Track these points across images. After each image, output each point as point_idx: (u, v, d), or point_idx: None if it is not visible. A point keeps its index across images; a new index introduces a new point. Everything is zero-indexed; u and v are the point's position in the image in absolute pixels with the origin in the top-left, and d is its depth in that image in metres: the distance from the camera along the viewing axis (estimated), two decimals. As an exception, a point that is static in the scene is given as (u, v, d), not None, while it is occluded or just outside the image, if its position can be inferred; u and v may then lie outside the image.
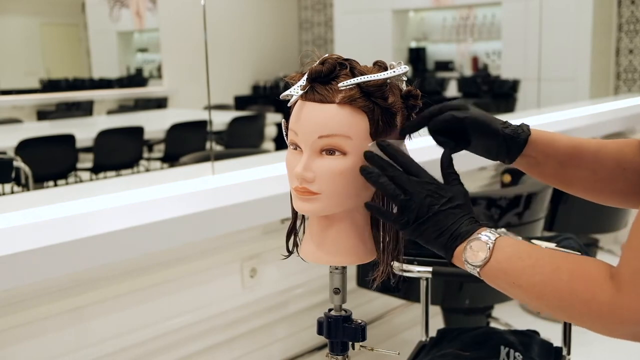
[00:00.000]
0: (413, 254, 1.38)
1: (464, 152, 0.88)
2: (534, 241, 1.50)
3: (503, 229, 0.77)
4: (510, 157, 0.88)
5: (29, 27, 9.11)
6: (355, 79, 0.79)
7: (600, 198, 0.91)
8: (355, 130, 0.79)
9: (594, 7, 6.80)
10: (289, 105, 0.84)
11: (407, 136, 0.84)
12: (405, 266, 0.85)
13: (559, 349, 1.48)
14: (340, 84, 0.79)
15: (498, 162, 0.89)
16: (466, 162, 2.37)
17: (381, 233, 0.83)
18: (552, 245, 1.48)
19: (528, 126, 0.88)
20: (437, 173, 0.79)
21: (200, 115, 5.88)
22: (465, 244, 0.74)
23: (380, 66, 0.83)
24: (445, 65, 8.77)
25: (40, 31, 9.35)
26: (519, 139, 0.86)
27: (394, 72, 0.81)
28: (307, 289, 2.18)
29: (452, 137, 0.86)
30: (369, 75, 0.79)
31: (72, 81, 8.96)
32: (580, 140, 0.90)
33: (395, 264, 0.86)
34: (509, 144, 0.86)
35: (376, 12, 8.45)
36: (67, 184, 4.70)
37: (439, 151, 0.84)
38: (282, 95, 0.84)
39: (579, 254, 0.86)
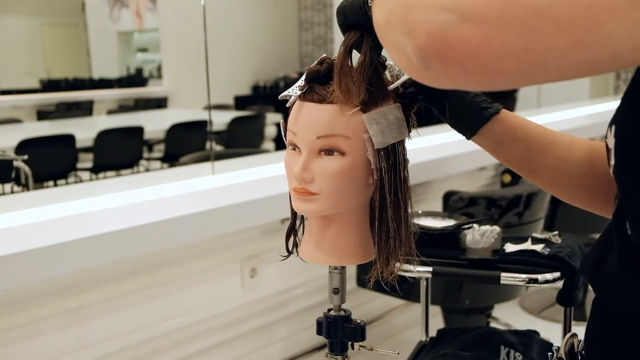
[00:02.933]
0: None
1: (464, 152, 0.88)
2: (534, 246, 1.50)
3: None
4: (472, 129, 0.84)
5: (29, 27, 9.12)
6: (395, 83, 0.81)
7: (565, 192, 0.87)
8: (354, 130, 0.79)
9: (594, 7, 6.80)
10: (287, 105, 0.84)
11: (407, 136, 0.84)
12: (405, 266, 0.86)
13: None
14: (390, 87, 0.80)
15: (498, 162, 0.88)
16: (466, 162, 2.38)
17: (377, 232, 0.83)
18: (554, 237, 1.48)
19: (500, 106, 0.85)
20: (437, 173, 0.79)
21: (200, 115, 5.88)
22: None
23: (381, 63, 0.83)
24: (445, 65, 8.76)
25: (40, 31, 9.36)
26: (485, 111, 0.83)
27: (404, 78, 0.82)
28: (306, 289, 2.18)
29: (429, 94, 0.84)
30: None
31: (72, 81, 8.97)
32: (553, 131, 0.87)
33: (396, 264, 0.85)
34: (474, 114, 0.83)
35: (376, 12, 8.43)
36: (67, 184, 4.70)
37: (439, 151, 0.83)
38: (281, 96, 0.84)
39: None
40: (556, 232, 1.52)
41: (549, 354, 0.81)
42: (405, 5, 0.51)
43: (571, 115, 3.73)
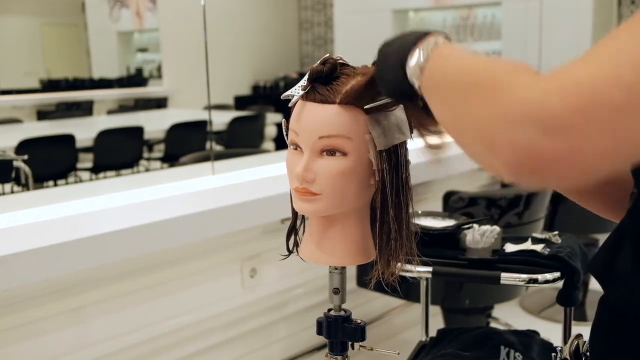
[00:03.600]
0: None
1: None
2: (534, 246, 1.50)
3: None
4: None
5: (29, 27, 9.11)
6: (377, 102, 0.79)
7: (583, 192, 0.85)
8: (356, 131, 0.79)
9: (594, 7, 6.81)
10: (289, 105, 0.84)
11: (410, 137, 0.83)
12: (406, 266, 0.86)
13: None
14: (366, 107, 0.78)
15: None
16: (466, 162, 2.38)
17: (378, 233, 0.83)
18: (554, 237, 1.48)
19: None
20: (437, 173, 0.79)
21: (200, 115, 5.87)
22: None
23: None
24: (445, 65, 8.75)
25: (40, 31, 9.35)
26: None
27: None
28: (307, 289, 2.18)
29: None
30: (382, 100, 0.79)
31: (72, 81, 8.96)
32: None
33: (397, 265, 0.85)
34: None
35: (376, 12, 8.44)
36: (67, 183, 4.69)
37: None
38: (284, 95, 0.84)
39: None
40: (556, 232, 1.52)
41: (553, 354, 0.80)
42: (478, 115, 0.50)
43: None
